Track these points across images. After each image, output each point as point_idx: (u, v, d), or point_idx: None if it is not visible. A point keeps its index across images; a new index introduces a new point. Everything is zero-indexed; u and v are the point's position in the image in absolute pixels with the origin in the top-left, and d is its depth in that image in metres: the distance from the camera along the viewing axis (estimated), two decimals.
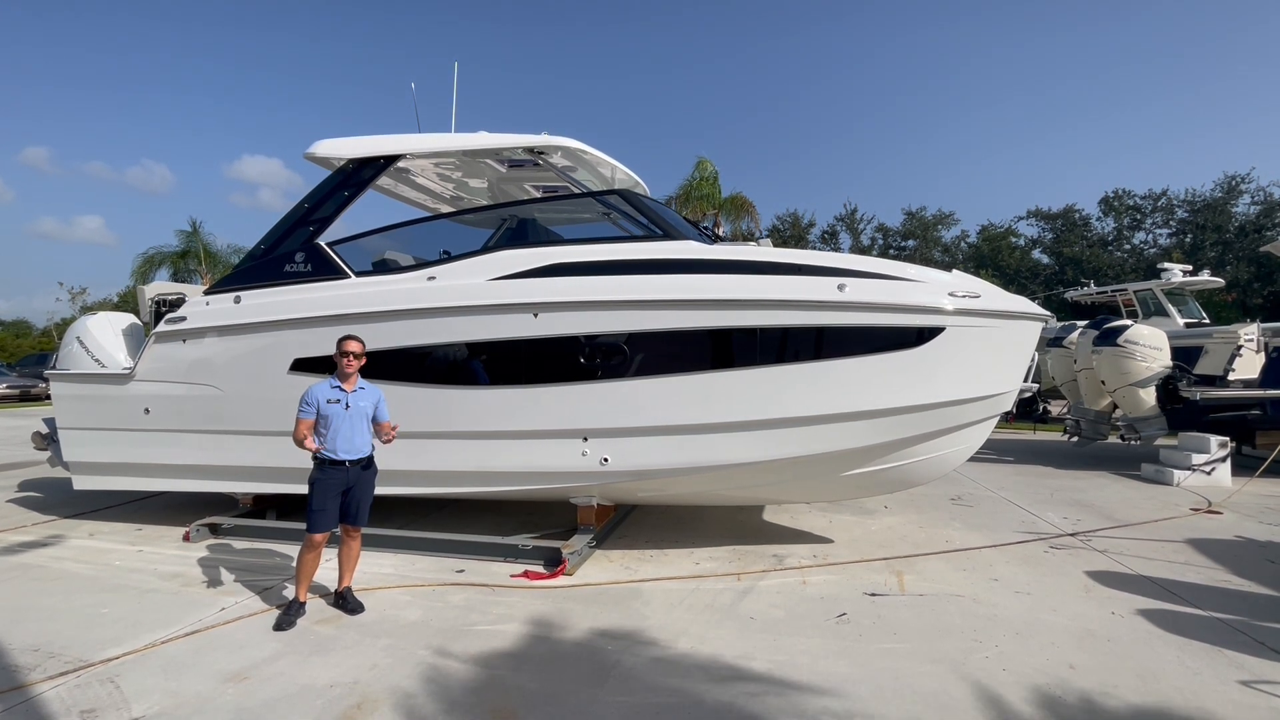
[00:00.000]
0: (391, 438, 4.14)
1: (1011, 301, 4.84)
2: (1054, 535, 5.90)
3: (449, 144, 5.76)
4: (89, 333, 6.10)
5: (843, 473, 4.96)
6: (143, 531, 6.01)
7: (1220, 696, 3.10)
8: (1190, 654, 3.53)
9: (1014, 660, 3.45)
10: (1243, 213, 31.76)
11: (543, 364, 4.91)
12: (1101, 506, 7.06)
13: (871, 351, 4.49)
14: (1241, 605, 4.23)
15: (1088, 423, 10.40)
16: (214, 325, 5.58)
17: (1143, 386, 8.99)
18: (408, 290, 5.19)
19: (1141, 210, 35.15)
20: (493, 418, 5.02)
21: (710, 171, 22.17)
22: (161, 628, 3.86)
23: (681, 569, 4.96)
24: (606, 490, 5.20)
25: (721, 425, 4.68)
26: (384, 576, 4.75)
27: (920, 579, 4.72)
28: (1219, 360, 9.45)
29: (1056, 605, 4.22)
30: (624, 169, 6.26)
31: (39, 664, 3.40)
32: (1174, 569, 4.94)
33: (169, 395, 5.70)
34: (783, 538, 5.79)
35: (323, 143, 5.74)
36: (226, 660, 3.45)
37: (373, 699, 3.06)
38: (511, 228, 5.78)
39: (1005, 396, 4.88)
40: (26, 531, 6.01)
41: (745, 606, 4.22)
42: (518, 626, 3.89)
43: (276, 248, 5.67)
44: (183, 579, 4.74)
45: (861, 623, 3.95)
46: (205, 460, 5.74)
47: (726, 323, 4.61)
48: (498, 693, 3.13)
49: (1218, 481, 8.10)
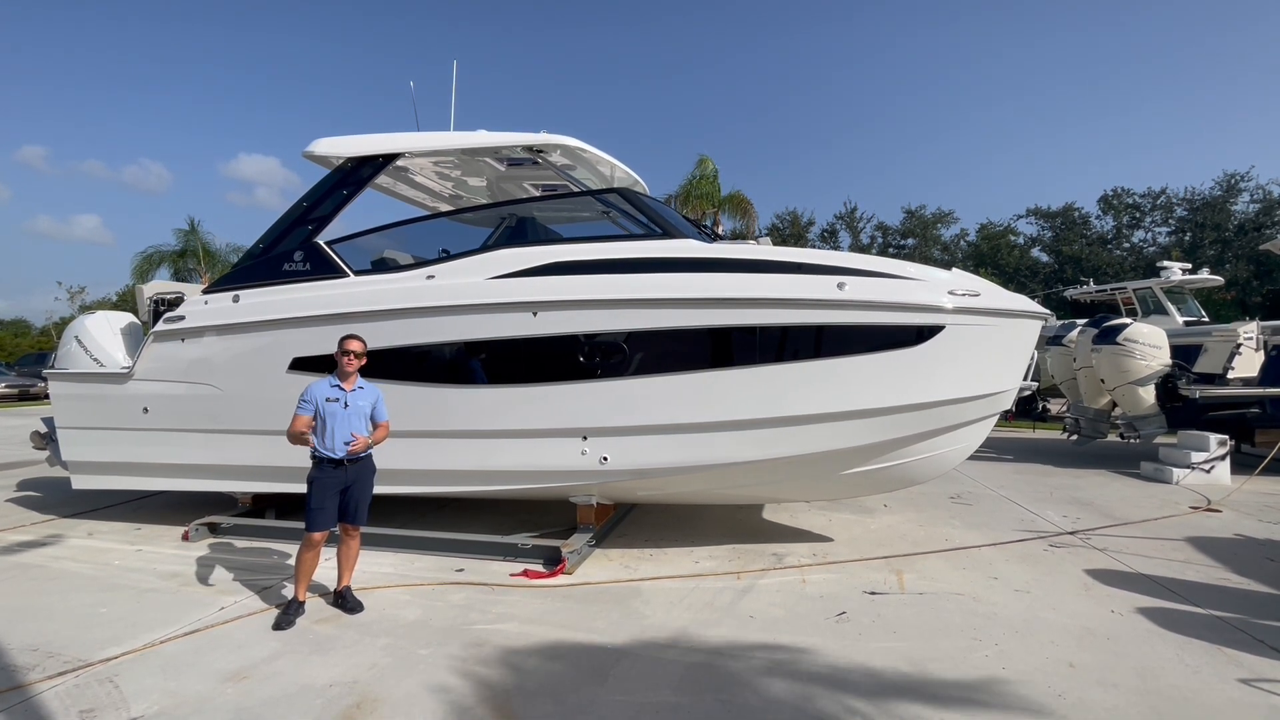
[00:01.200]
0: (381, 439, 4.17)
1: (1011, 300, 4.84)
2: (1053, 534, 5.90)
3: (448, 142, 5.75)
4: (88, 332, 6.09)
5: (842, 471, 4.95)
6: (142, 531, 6.01)
7: (1220, 694, 3.10)
8: (1190, 652, 3.53)
9: (1014, 658, 3.45)
10: (1242, 211, 31.81)
11: (542, 363, 4.90)
12: (1101, 505, 7.06)
13: (871, 350, 4.48)
14: (1241, 603, 4.23)
15: (1087, 421, 10.41)
16: (213, 324, 5.57)
17: (1142, 385, 8.99)
18: (407, 289, 5.18)
19: (1141, 209, 35.19)
20: (492, 417, 5.02)
21: (711, 170, 22.13)
22: (160, 627, 3.85)
23: (681, 568, 4.96)
24: (606, 489, 5.19)
25: (721, 424, 4.68)
26: (383, 575, 4.74)
27: (920, 578, 4.73)
28: (1218, 358, 9.46)
29: (1056, 603, 4.22)
30: (623, 167, 6.25)
31: (38, 664, 3.40)
32: (1173, 567, 4.95)
33: (168, 394, 5.69)
34: (782, 536, 5.79)
35: (321, 141, 5.73)
36: (226, 660, 3.44)
37: (372, 698, 3.06)
38: (510, 226, 5.77)
39: (1005, 395, 4.88)
40: (25, 531, 6.01)
41: (745, 605, 4.21)
42: (517, 625, 3.88)
43: (275, 247, 5.66)
44: (182, 578, 4.74)
45: (861, 621, 3.95)
46: (204, 459, 5.73)
47: (726, 321, 4.60)
48: (497, 692, 3.13)
49: (1217, 479, 8.10)
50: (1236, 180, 32.05)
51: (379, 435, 4.17)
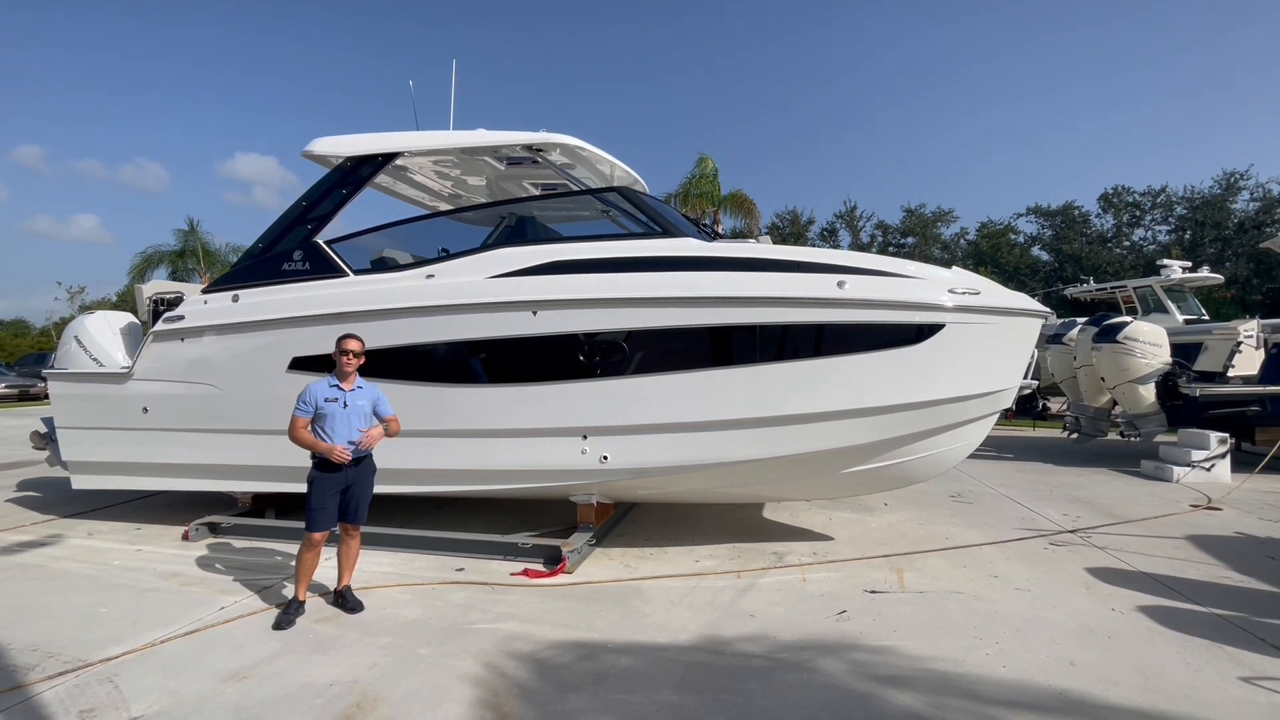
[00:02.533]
0: (396, 431, 4.18)
1: (1011, 298, 4.83)
2: (1054, 532, 5.90)
3: (447, 141, 5.74)
4: (87, 332, 6.09)
5: (843, 470, 4.95)
6: (141, 531, 6.01)
7: (1221, 693, 3.09)
8: (1191, 650, 3.53)
9: (1014, 657, 3.45)
10: (1242, 209, 31.79)
11: (542, 362, 4.90)
12: (1101, 503, 7.06)
13: (871, 348, 4.48)
14: (1242, 601, 4.23)
15: (1087, 419, 10.41)
16: (212, 324, 5.57)
17: (1142, 383, 8.99)
18: (406, 288, 5.17)
19: (1141, 207, 35.18)
20: (492, 416, 5.01)
21: (711, 169, 22.10)
22: (160, 627, 3.85)
23: (681, 567, 4.96)
24: (606, 488, 5.19)
25: (721, 423, 4.67)
26: (384, 575, 4.74)
27: (920, 576, 4.72)
28: (1218, 357, 9.45)
29: (1057, 602, 4.22)
30: (623, 166, 6.24)
31: (38, 663, 3.40)
32: (1174, 565, 4.94)
33: (167, 394, 5.68)
34: (783, 535, 5.79)
35: (321, 140, 5.72)
36: (226, 659, 3.44)
37: (372, 698, 3.06)
38: (510, 225, 5.76)
39: (1005, 393, 4.88)
40: (25, 531, 6.01)
41: (745, 604, 4.21)
42: (518, 625, 3.88)
43: (274, 246, 5.66)
44: (182, 578, 4.73)
45: (862, 620, 3.94)
46: (204, 459, 5.73)
47: (726, 320, 4.60)
48: (498, 690, 3.13)
49: (1217, 478, 8.10)
50: (1236, 179, 32.06)
51: (393, 428, 4.17)
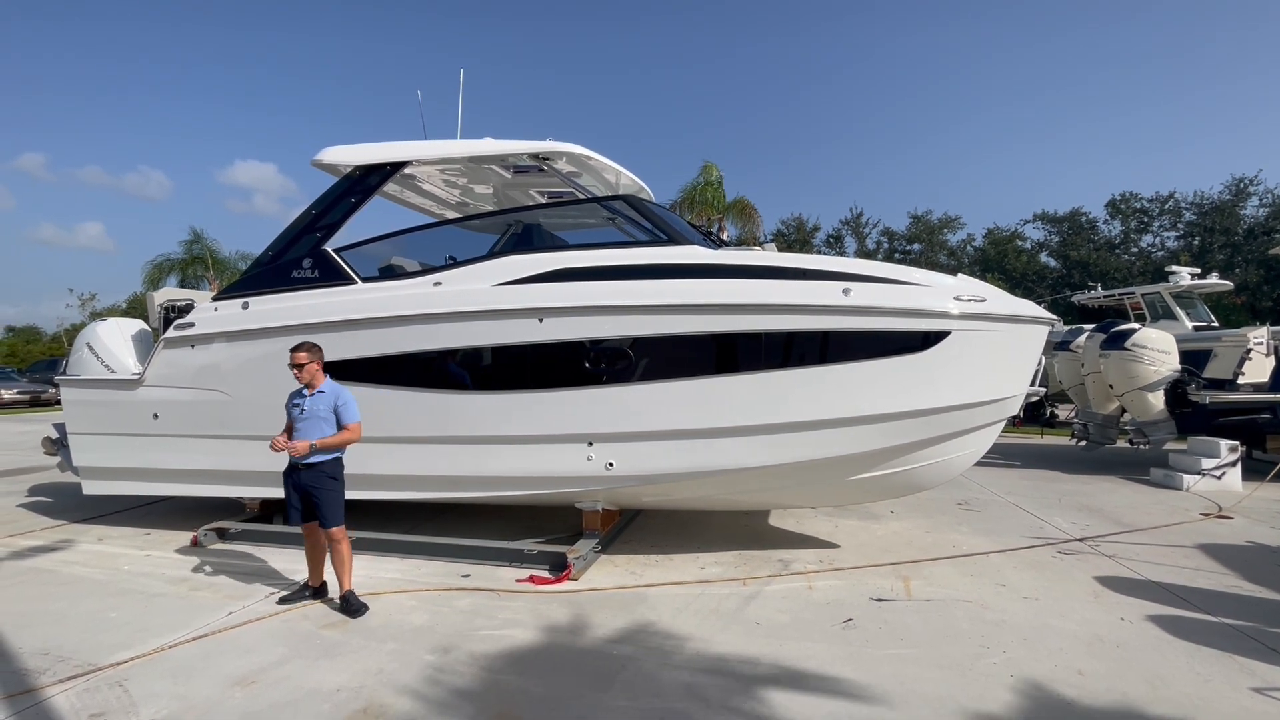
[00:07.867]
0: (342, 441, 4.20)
1: (1018, 305, 4.83)
2: (1062, 540, 5.86)
3: (455, 151, 5.79)
4: (99, 338, 6.15)
5: (849, 477, 4.94)
6: (151, 536, 6.05)
7: (1232, 703, 3.07)
8: (1201, 660, 3.50)
9: (1022, 666, 3.43)
10: (1251, 215, 31.52)
11: (548, 369, 4.92)
12: (1110, 511, 7.01)
13: (877, 356, 4.48)
14: (1253, 611, 4.19)
15: (1095, 427, 10.33)
16: (222, 331, 5.62)
17: (1151, 390, 8.92)
18: (414, 296, 5.21)
19: (1149, 213, 34.94)
20: (498, 422, 5.03)
21: (715, 176, 22.16)
22: (169, 632, 3.88)
23: (687, 574, 4.95)
24: (612, 495, 5.20)
25: (727, 430, 4.68)
26: (389, 581, 4.76)
27: (927, 584, 4.70)
28: (1228, 364, 9.38)
29: (1065, 610, 4.19)
30: (629, 174, 6.28)
31: (48, 667, 3.43)
32: (1184, 574, 4.90)
33: (177, 400, 5.74)
34: (788, 543, 5.77)
35: (330, 150, 5.79)
36: (234, 664, 3.46)
37: (379, 703, 3.07)
38: (517, 233, 5.81)
39: (1012, 400, 4.86)
40: (36, 536, 6.06)
41: (751, 612, 4.20)
42: (523, 631, 3.89)
43: (284, 254, 5.71)
44: (190, 583, 4.77)
45: (868, 628, 3.93)
46: (213, 465, 5.77)
47: (732, 327, 4.61)
48: (503, 697, 3.14)
49: (1228, 486, 8.02)
50: (1245, 184, 31.81)
51: (342, 438, 4.20)
